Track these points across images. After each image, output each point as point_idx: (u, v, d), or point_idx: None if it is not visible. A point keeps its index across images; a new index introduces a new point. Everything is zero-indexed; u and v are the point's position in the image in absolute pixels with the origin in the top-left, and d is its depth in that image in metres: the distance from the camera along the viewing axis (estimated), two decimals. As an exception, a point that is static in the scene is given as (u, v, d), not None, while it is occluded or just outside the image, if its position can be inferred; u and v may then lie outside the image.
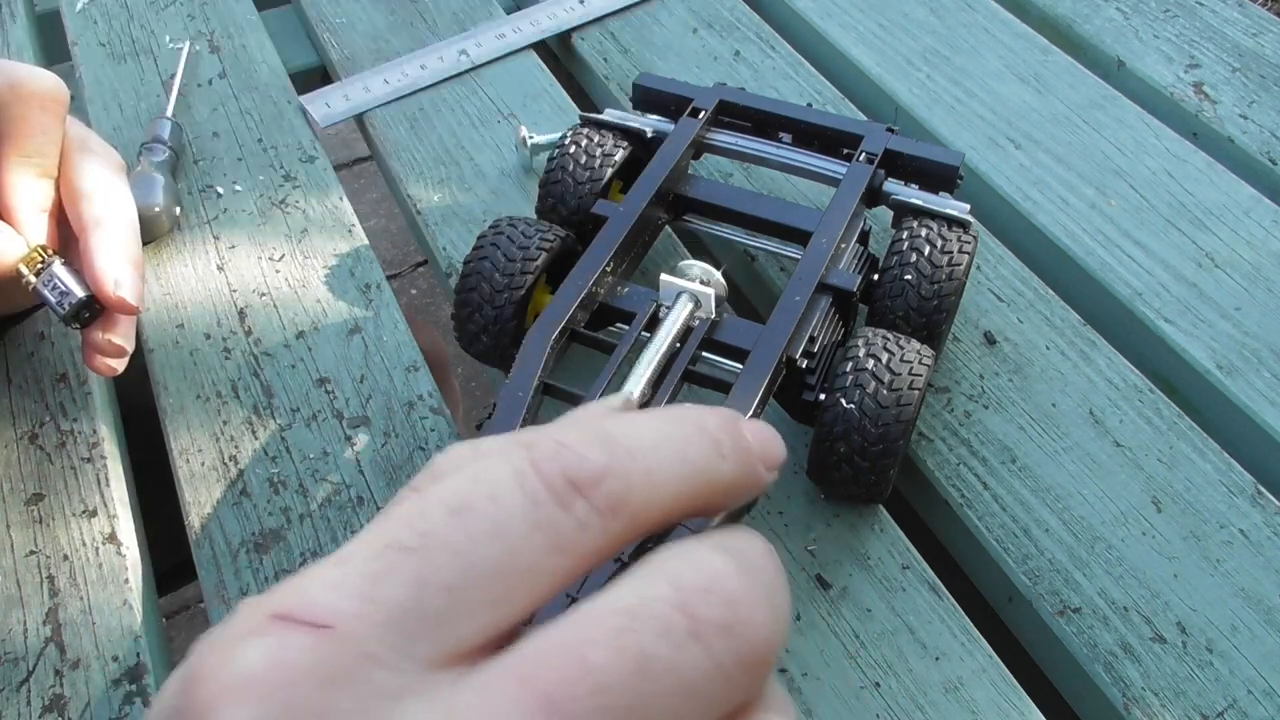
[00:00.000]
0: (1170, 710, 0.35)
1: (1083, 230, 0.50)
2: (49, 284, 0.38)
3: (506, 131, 0.56)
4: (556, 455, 0.16)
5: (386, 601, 0.15)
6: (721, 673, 0.15)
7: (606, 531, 0.16)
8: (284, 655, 0.14)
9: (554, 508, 0.15)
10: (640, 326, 0.39)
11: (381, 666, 0.14)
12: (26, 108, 0.38)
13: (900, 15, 0.62)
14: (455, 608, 0.15)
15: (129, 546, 0.40)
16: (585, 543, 0.16)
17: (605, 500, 0.16)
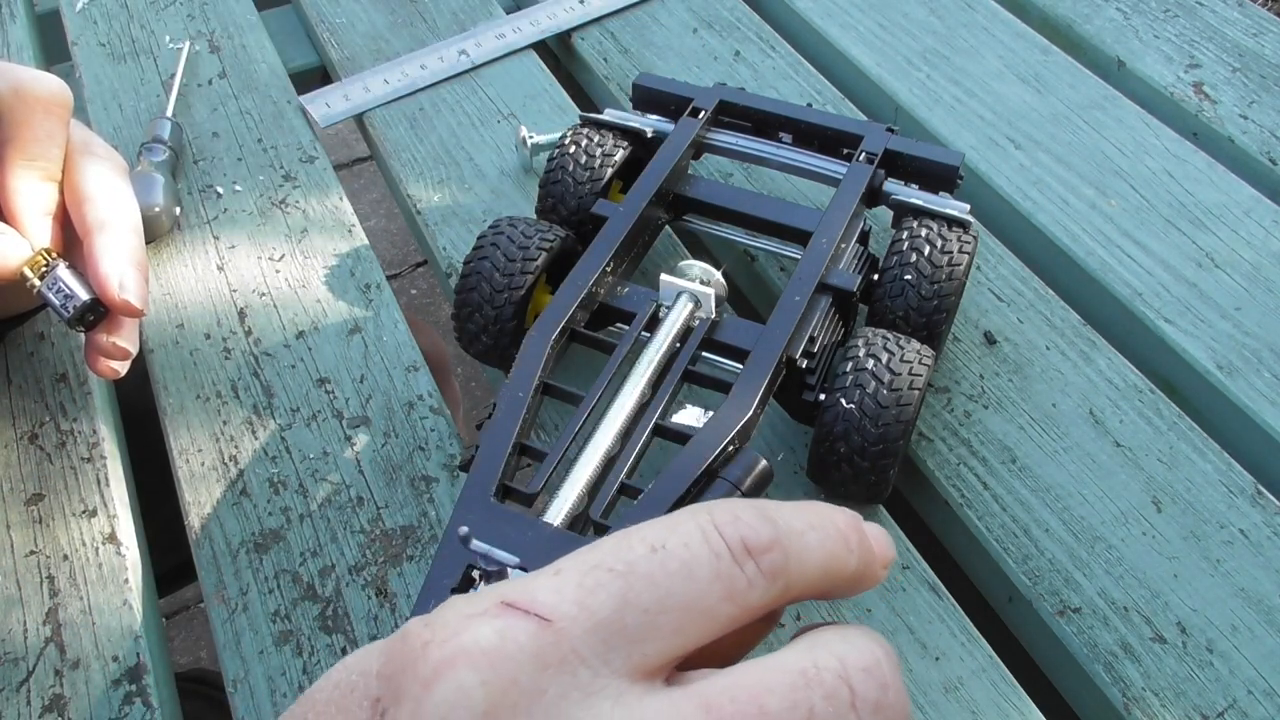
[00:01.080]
0: (1170, 710, 0.35)
1: (1083, 230, 0.50)
2: (53, 287, 0.38)
3: (506, 131, 0.56)
4: (735, 523, 0.19)
5: (596, 610, 0.18)
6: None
7: (767, 592, 0.19)
8: (513, 635, 0.17)
9: (731, 563, 0.18)
10: (640, 326, 0.39)
11: (584, 665, 0.17)
12: (30, 111, 0.38)
13: (900, 15, 0.62)
14: (647, 628, 0.18)
15: (129, 546, 0.40)
16: (751, 598, 0.18)
17: (770, 566, 0.19)
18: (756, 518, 0.19)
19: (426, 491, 0.41)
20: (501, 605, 0.18)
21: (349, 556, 0.40)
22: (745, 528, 0.19)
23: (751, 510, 0.19)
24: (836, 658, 0.18)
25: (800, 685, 0.17)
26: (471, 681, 0.17)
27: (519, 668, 0.17)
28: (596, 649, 0.17)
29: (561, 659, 0.17)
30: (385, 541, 0.40)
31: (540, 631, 0.17)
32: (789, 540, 0.19)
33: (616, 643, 0.17)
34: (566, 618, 0.17)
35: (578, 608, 0.17)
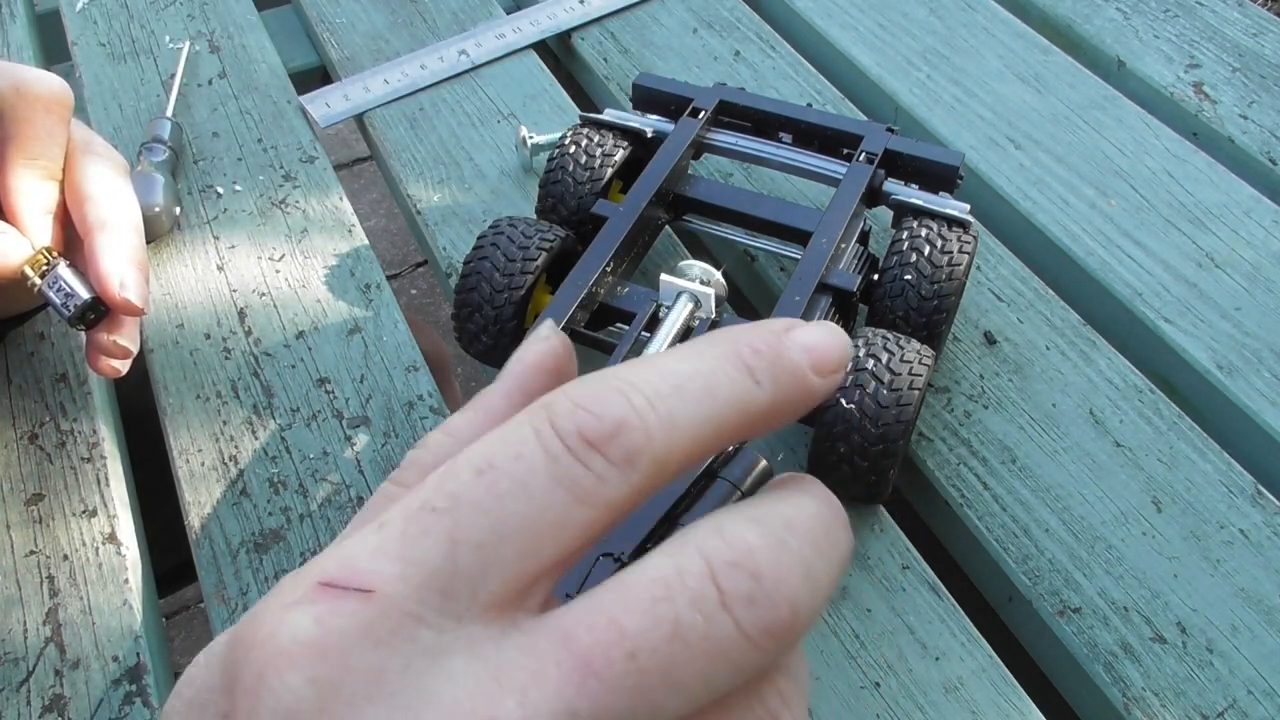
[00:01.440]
0: (1170, 710, 0.35)
1: (1083, 230, 0.50)
2: (54, 286, 0.38)
3: (506, 131, 0.56)
4: (572, 415, 0.16)
5: (424, 563, 0.16)
6: (748, 641, 0.16)
7: (626, 482, 0.16)
8: (333, 621, 0.15)
9: (572, 463, 0.16)
10: (640, 326, 0.39)
11: (424, 626, 0.15)
12: (31, 110, 0.38)
13: (900, 15, 0.62)
14: (487, 563, 0.16)
15: (129, 546, 0.40)
16: (607, 494, 0.16)
17: (620, 454, 0.16)
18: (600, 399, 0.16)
19: (426, 491, 0.41)
20: (318, 587, 0.16)
21: (349, 556, 0.40)
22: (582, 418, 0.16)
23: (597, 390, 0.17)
24: (701, 556, 0.16)
25: (661, 597, 0.15)
26: (298, 682, 0.15)
27: (348, 653, 0.15)
28: (435, 604, 0.16)
29: (394, 629, 0.15)
30: (385, 541, 0.40)
31: (362, 607, 0.15)
32: (648, 412, 0.16)
33: (456, 589, 0.16)
34: (391, 580, 0.15)
35: (402, 565, 0.16)
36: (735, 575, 0.16)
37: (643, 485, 0.17)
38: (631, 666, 0.15)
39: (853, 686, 0.36)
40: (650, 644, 0.15)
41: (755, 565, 0.16)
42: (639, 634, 0.15)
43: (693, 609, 0.15)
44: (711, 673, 0.15)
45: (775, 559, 0.16)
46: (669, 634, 0.15)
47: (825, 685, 0.36)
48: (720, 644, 0.15)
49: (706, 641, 0.15)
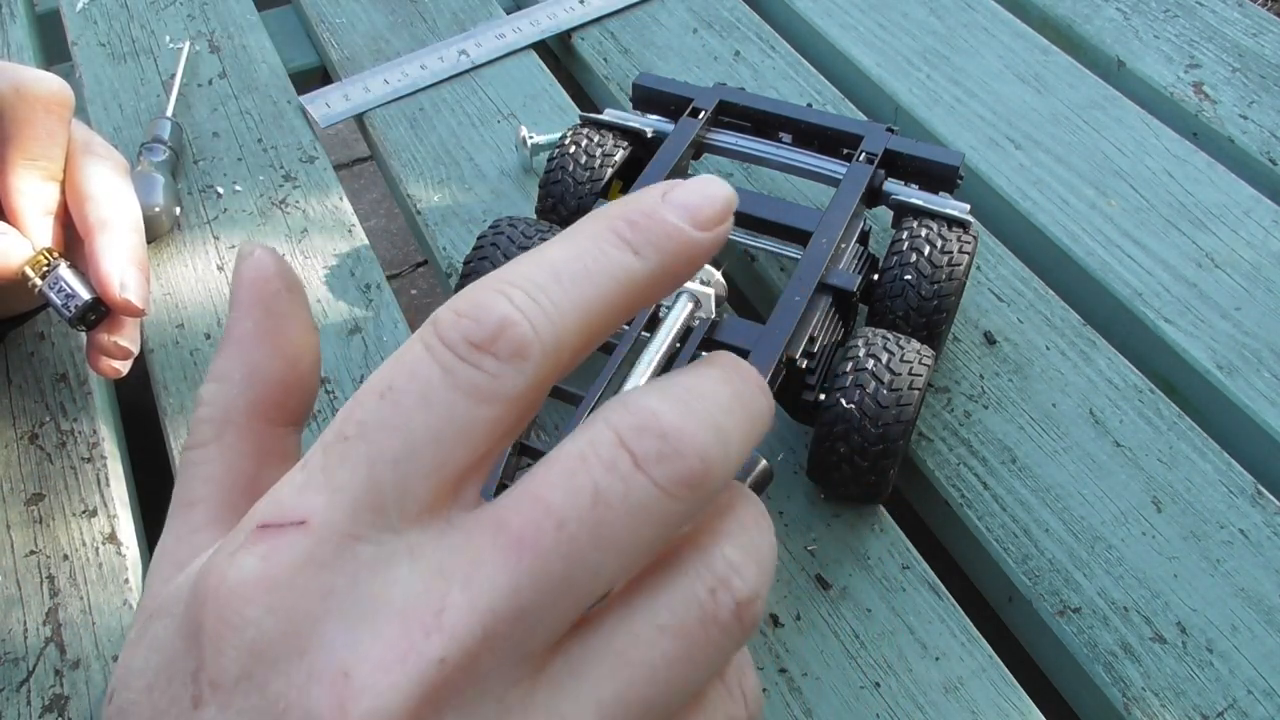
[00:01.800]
0: (1170, 710, 0.35)
1: (1083, 230, 0.50)
2: (55, 286, 0.38)
3: (506, 131, 0.56)
4: (456, 324, 0.17)
5: (348, 487, 0.17)
6: (664, 494, 0.17)
7: (521, 375, 0.17)
8: (276, 555, 0.16)
9: (465, 368, 0.17)
10: (640, 326, 0.39)
11: (363, 542, 0.17)
12: (31, 111, 0.38)
13: (900, 15, 0.62)
14: (407, 475, 0.17)
15: (129, 546, 0.40)
16: (504, 389, 0.17)
17: (508, 350, 0.17)
18: (480, 302, 0.17)
19: (426, 491, 0.41)
20: (257, 531, 0.17)
21: (349, 556, 0.40)
22: (465, 325, 0.17)
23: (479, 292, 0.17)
24: (610, 427, 0.17)
25: (578, 469, 0.17)
26: (256, 614, 0.16)
27: (296, 579, 0.16)
28: (367, 520, 0.17)
29: (335, 551, 0.16)
30: (385, 541, 0.40)
31: (301, 537, 0.16)
32: (529, 304, 0.17)
33: (383, 503, 0.17)
34: (321, 509, 0.17)
35: (329, 493, 0.17)
36: (643, 438, 0.17)
37: (539, 374, 0.17)
38: (562, 535, 0.16)
39: (853, 686, 0.36)
40: (576, 512, 0.16)
41: (660, 426, 0.17)
42: (563, 505, 0.16)
43: (609, 474, 0.17)
44: (636, 529, 0.17)
45: (680, 419, 0.17)
46: (590, 500, 0.16)
47: (825, 685, 0.36)
48: (639, 500, 0.17)
49: (626, 501, 0.16)
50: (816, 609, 0.38)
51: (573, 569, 0.16)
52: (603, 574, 0.17)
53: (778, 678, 0.36)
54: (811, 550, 0.39)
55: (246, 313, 0.22)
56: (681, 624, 0.17)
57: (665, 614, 0.17)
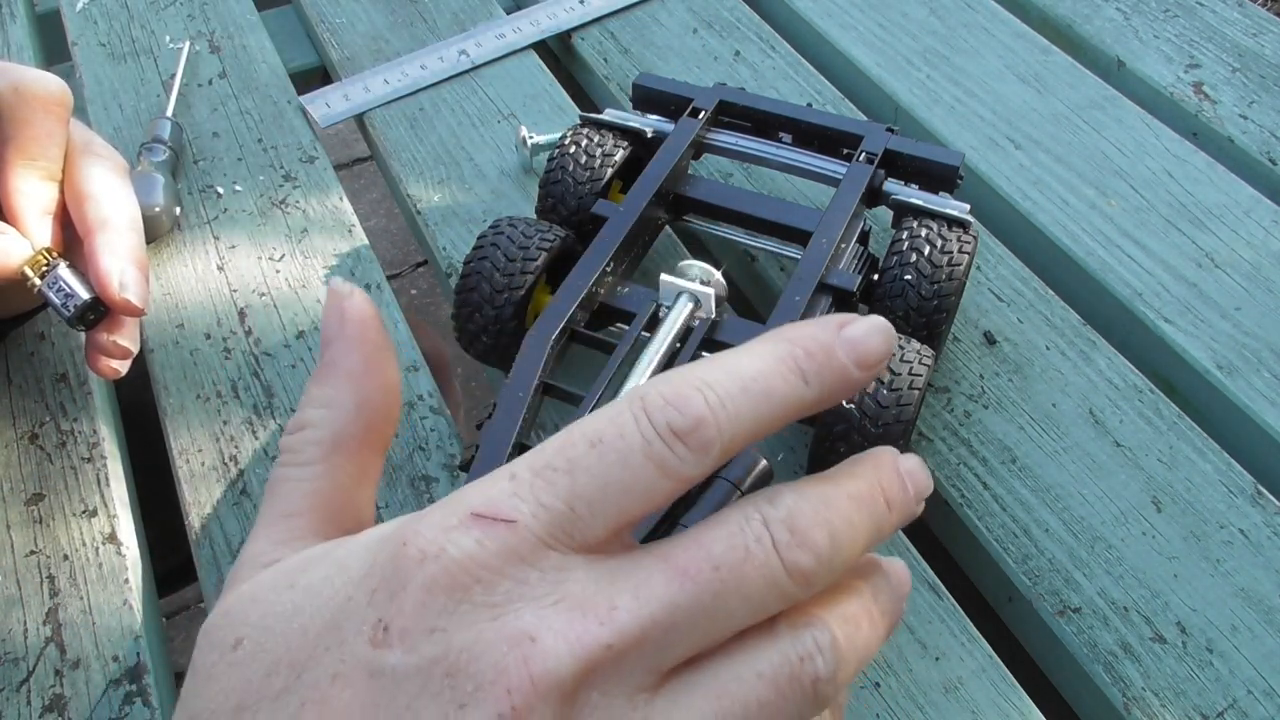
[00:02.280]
0: (1170, 710, 0.35)
1: (1083, 230, 0.50)
2: (54, 286, 0.38)
3: (506, 131, 0.56)
4: (663, 410, 0.21)
5: (550, 507, 0.20)
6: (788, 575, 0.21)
7: (699, 464, 0.21)
8: (489, 542, 0.20)
9: (662, 446, 0.21)
10: (640, 326, 0.39)
11: (551, 549, 0.20)
12: (30, 111, 0.38)
13: (900, 15, 0.62)
14: (595, 513, 0.21)
15: (129, 546, 0.40)
16: (685, 471, 0.21)
17: (698, 444, 0.21)
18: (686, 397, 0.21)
19: (426, 491, 0.41)
20: (473, 517, 0.20)
21: (349, 556, 0.40)
22: (671, 413, 0.21)
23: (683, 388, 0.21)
24: (760, 512, 0.21)
25: (736, 531, 0.21)
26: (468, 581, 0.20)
27: (503, 562, 0.20)
28: (557, 535, 0.20)
29: (532, 549, 0.20)
30: (385, 541, 0.40)
31: (509, 532, 0.20)
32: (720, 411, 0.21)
33: (572, 529, 0.20)
34: (526, 516, 0.20)
35: (535, 505, 0.20)
36: (780, 529, 0.21)
37: (711, 466, 0.21)
38: (715, 575, 0.20)
39: (853, 686, 0.36)
40: (729, 561, 0.21)
41: (793, 523, 0.21)
42: (721, 554, 0.21)
43: (757, 543, 0.21)
44: (764, 590, 0.21)
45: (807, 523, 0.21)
46: (741, 557, 0.21)
47: (825, 685, 0.36)
48: (770, 569, 0.21)
49: (764, 567, 0.21)
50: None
51: (716, 605, 0.20)
52: (734, 615, 0.21)
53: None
54: (811, 550, 0.39)
55: (356, 348, 0.25)
56: (775, 676, 0.21)
57: (764, 664, 0.21)
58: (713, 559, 0.21)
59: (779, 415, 0.22)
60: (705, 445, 0.21)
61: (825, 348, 0.23)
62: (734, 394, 0.21)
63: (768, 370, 0.22)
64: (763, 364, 0.22)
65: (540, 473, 0.21)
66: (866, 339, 0.23)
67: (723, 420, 0.21)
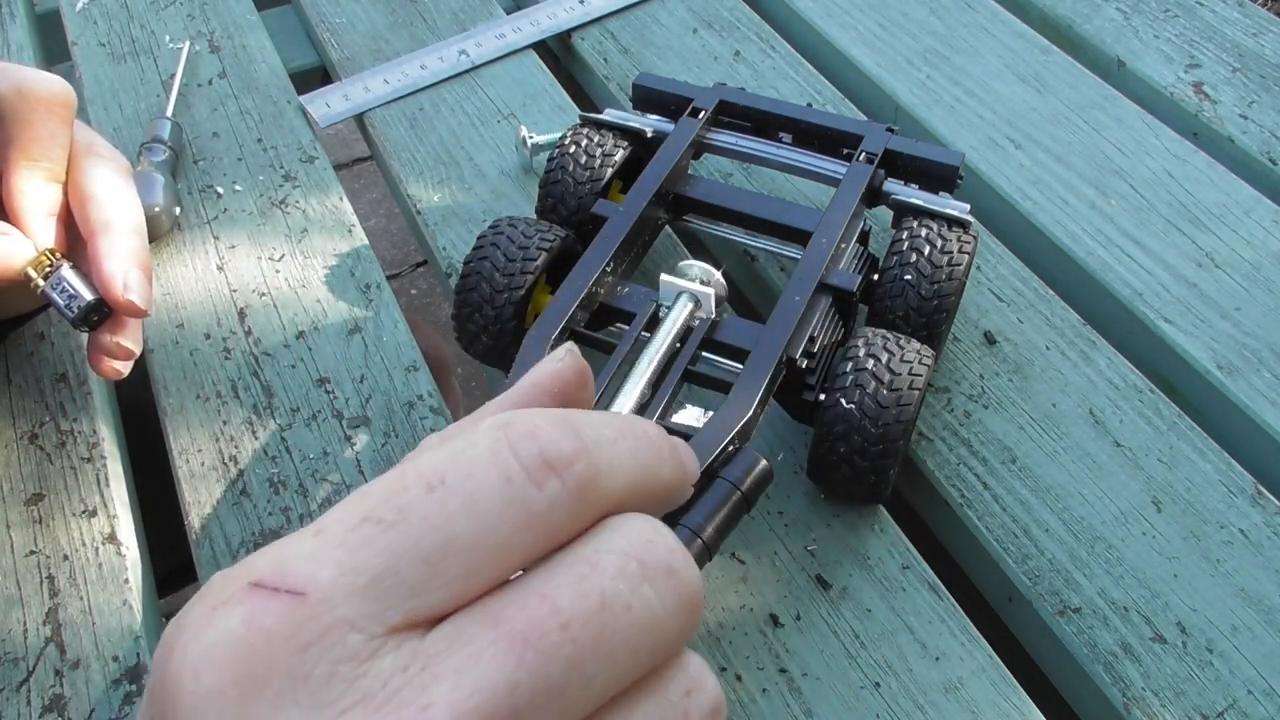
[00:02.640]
0: (1170, 710, 0.35)
1: (1083, 230, 0.50)
2: (57, 287, 0.38)
3: (506, 131, 0.56)
4: (533, 435, 0.17)
5: (363, 571, 0.16)
6: (667, 611, 0.17)
7: (574, 513, 0.17)
8: (260, 620, 0.15)
9: (527, 485, 0.16)
10: (640, 326, 0.39)
11: (355, 630, 0.15)
12: (33, 112, 0.38)
13: (900, 15, 0.62)
14: (430, 579, 0.16)
15: (129, 546, 0.40)
16: (553, 520, 0.17)
17: (576, 481, 0.17)
18: (558, 428, 0.17)
19: (426, 491, 0.41)
20: (249, 587, 0.16)
21: (349, 556, 0.40)
22: (544, 441, 0.17)
23: (552, 420, 0.17)
24: (619, 536, 0.17)
25: (586, 574, 0.16)
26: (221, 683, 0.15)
27: (272, 654, 0.15)
28: (368, 611, 0.16)
29: (323, 633, 0.15)
30: (385, 541, 0.40)
31: (293, 609, 0.15)
32: (598, 450, 0.17)
33: (393, 600, 0.16)
34: (324, 586, 0.15)
35: (338, 571, 0.16)
36: (654, 551, 0.17)
37: (583, 519, 0.17)
38: (566, 636, 0.16)
39: (853, 686, 0.36)
40: (582, 614, 0.16)
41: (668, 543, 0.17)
42: (570, 606, 0.16)
43: (616, 581, 0.16)
44: (636, 642, 0.16)
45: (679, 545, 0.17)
46: (598, 605, 0.16)
47: (825, 685, 0.36)
48: (644, 613, 0.16)
49: (630, 611, 0.16)
50: (816, 609, 0.38)
51: (571, 676, 0.16)
52: (594, 687, 0.16)
53: (778, 678, 0.36)
54: (811, 550, 0.39)
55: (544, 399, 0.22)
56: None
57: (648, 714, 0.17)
58: (561, 613, 0.16)
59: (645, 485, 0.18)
60: (582, 484, 0.17)
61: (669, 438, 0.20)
62: (609, 439, 0.18)
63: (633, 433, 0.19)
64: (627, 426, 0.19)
65: (356, 527, 0.16)
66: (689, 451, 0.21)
67: (601, 462, 0.17)
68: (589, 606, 0.16)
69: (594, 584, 0.16)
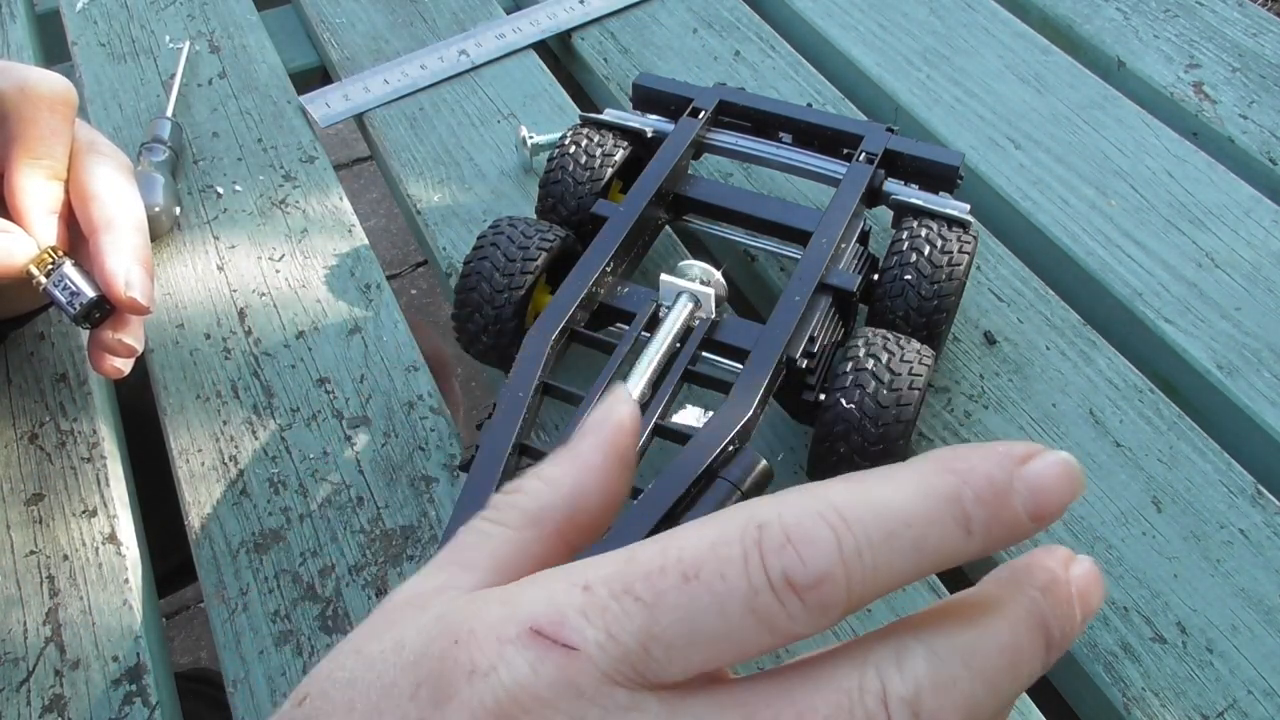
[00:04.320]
0: (1170, 710, 0.35)
1: (1083, 230, 0.50)
2: (60, 284, 0.38)
3: (506, 131, 0.56)
4: (782, 551, 0.17)
5: (622, 640, 0.18)
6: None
7: (813, 625, 0.17)
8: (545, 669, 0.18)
9: (771, 599, 0.17)
10: (640, 326, 0.39)
11: (618, 686, 0.18)
12: (36, 110, 0.38)
13: (900, 15, 0.62)
14: (673, 659, 0.18)
15: (129, 546, 0.40)
16: (793, 630, 0.18)
17: (817, 603, 0.17)
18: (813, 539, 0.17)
19: (426, 491, 0.41)
20: (531, 634, 0.18)
21: (349, 556, 0.40)
22: (791, 559, 0.17)
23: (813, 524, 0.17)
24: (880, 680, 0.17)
25: (844, 706, 0.17)
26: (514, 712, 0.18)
27: (557, 698, 0.18)
28: (625, 674, 0.18)
29: (596, 685, 0.18)
30: (385, 541, 0.40)
31: (570, 661, 0.18)
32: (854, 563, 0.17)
33: (643, 669, 0.18)
34: (592, 645, 0.18)
35: (605, 636, 0.18)
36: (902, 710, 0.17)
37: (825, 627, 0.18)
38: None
39: (853, 686, 0.36)
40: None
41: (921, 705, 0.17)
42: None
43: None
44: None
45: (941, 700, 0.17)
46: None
47: (825, 685, 0.36)
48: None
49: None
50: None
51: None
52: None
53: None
54: (811, 550, 0.39)
55: (603, 450, 0.23)
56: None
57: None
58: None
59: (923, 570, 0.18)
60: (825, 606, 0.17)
61: (1000, 493, 0.18)
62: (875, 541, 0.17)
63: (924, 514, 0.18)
64: (919, 505, 0.18)
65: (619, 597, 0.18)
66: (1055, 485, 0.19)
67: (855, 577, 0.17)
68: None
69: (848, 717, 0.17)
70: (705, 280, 0.40)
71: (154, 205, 0.50)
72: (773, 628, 0.17)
